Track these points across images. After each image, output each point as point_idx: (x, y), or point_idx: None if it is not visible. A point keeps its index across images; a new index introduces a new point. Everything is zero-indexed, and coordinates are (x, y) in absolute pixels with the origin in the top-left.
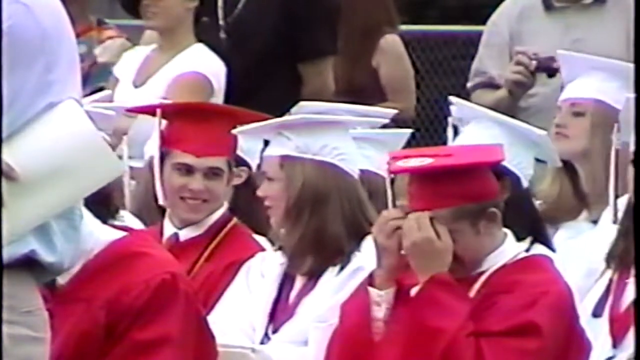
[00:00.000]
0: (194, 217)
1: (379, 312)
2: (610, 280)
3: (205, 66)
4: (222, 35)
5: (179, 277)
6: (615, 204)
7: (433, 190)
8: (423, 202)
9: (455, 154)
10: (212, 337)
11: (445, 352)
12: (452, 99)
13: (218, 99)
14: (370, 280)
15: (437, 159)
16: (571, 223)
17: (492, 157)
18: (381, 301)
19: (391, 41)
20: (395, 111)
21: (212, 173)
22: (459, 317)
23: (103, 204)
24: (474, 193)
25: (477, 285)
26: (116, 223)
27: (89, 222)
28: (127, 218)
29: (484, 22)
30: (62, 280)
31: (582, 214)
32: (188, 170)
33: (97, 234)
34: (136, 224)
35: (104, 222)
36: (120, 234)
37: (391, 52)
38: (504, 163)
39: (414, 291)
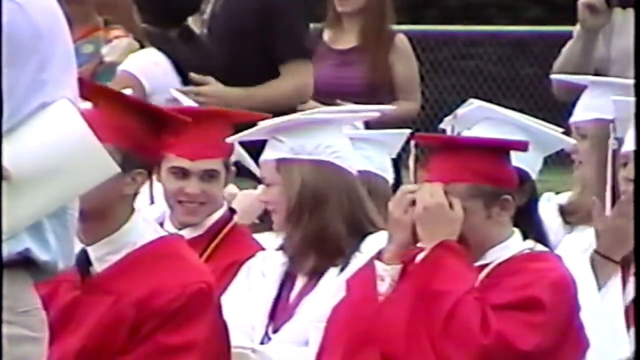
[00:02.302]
0: (192, 220)
1: (382, 286)
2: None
3: (134, 65)
4: (204, 30)
5: (214, 288)
6: (583, 204)
7: (454, 163)
8: (442, 174)
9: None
10: (230, 352)
11: (451, 312)
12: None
13: (160, 97)
14: (378, 256)
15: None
16: (584, 226)
17: (517, 143)
18: (385, 275)
19: (404, 40)
20: (393, 107)
21: (208, 175)
22: (465, 283)
23: None
24: (493, 175)
25: (481, 276)
26: None
27: (136, 216)
28: None
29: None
30: (98, 267)
31: None
32: (184, 174)
33: (143, 229)
34: None
35: None
36: (164, 232)
37: (404, 51)
38: (525, 168)
39: (420, 257)
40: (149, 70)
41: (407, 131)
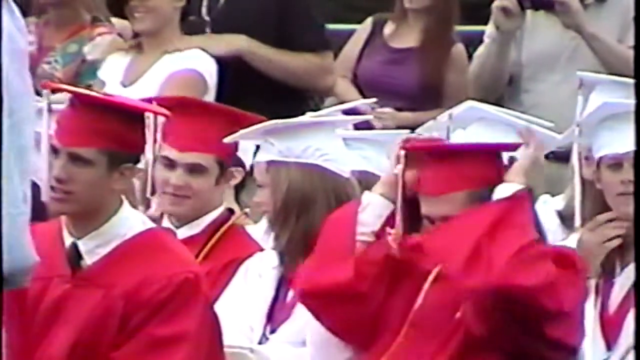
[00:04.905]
0: (174, 211)
1: (363, 214)
2: (597, 285)
3: (199, 63)
4: (207, 30)
5: (201, 278)
6: (583, 209)
7: (450, 172)
8: (440, 184)
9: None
10: (222, 343)
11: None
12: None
13: (210, 96)
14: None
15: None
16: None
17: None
18: (366, 205)
19: (460, 51)
20: (368, 100)
21: (194, 169)
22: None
23: None
24: (490, 178)
25: None
26: None
27: (124, 208)
28: None
29: (484, 22)
30: (88, 260)
31: None
32: (171, 164)
33: (133, 221)
34: None
35: None
36: (151, 224)
37: (459, 60)
38: None
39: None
40: (211, 69)
41: (406, 131)
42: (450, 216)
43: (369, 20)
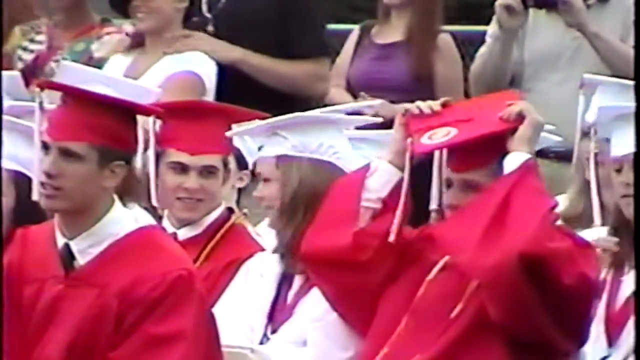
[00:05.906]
0: (190, 216)
1: (370, 179)
2: (604, 280)
3: (197, 65)
4: (210, 28)
5: (195, 276)
6: (602, 206)
7: (466, 156)
8: (464, 164)
9: (475, 117)
10: (219, 341)
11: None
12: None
13: (209, 97)
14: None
15: (461, 129)
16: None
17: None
18: (374, 171)
19: (448, 41)
20: (380, 101)
21: (207, 171)
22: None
23: None
24: (503, 150)
25: None
26: None
27: (117, 207)
28: None
29: (484, 22)
30: (81, 260)
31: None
32: (183, 169)
33: (125, 220)
34: None
35: None
36: (144, 222)
37: (446, 51)
38: None
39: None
40: (209, 70)
41: None
42: (472, 181)
43: (356, 28)
